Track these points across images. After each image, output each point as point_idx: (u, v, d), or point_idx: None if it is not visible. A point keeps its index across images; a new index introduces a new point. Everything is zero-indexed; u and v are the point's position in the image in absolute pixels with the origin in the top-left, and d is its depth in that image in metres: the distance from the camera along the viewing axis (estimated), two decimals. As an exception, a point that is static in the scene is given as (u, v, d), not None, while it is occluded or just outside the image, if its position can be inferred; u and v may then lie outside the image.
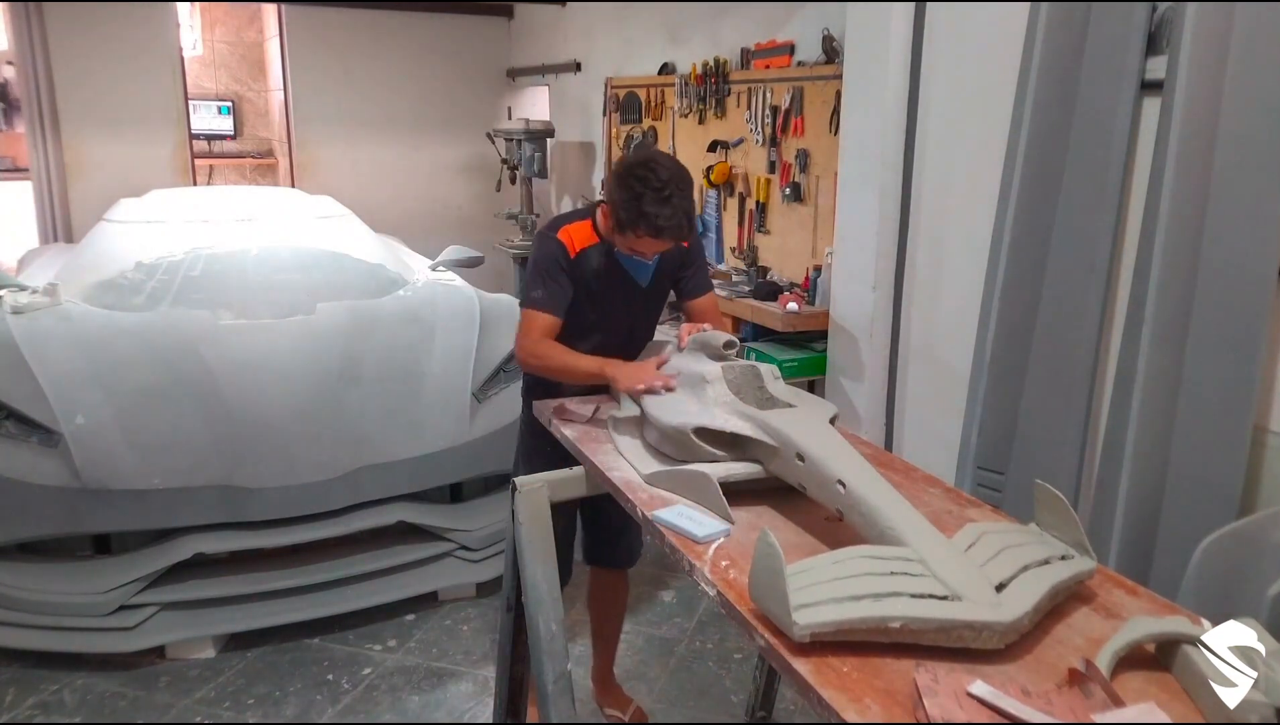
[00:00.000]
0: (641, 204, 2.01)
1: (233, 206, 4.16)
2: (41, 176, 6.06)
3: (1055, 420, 2.52)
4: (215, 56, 7.97)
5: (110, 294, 3.58)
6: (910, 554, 1.26)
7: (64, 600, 2.83)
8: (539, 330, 2.16)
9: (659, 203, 2.00)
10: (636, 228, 2.04)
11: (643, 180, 2.01)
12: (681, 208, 2.03)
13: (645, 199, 2.00)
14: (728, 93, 4.52)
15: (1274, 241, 2.05)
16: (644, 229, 2.04)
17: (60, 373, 3.00)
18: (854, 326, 3.33)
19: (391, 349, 3.40)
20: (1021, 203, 2.59)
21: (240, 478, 2.89)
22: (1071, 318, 2.48)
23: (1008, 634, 1.16)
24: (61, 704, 2.72)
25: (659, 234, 2.04)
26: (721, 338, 1.95)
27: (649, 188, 2.00)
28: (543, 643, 1.83)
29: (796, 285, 3.99)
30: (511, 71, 7.26)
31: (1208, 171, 2.14)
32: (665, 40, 5.12)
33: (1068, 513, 1.36)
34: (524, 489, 1.88)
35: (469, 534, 3.25)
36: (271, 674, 2.89)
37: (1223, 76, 2.12)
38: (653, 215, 2.01)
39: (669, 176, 2.02)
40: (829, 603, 1.16)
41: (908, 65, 3.06)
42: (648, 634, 3.09)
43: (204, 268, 3.68)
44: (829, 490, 1.47)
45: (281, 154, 7.50)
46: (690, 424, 1.70)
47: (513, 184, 6.28)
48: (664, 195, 2.00)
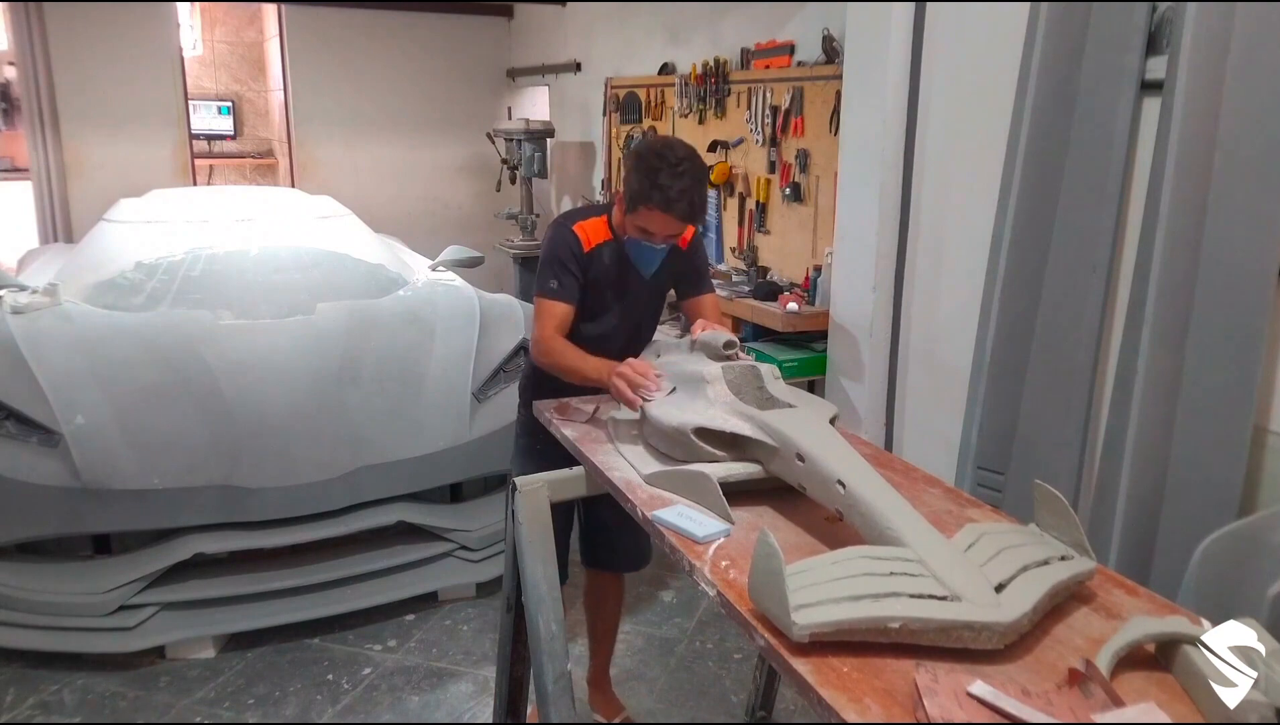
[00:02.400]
0: (657, 176, 2.06)
1: (233, 206, 4.16)
2: (41, 176, 6.06)
3: (1055, 420, 2.52)
4: (215, 56, 7.97)
5: (110, 294, 3.58)
6: (910, 554, 1.26)
7: (64, 600, 2.83)
8: (555, 320, 2.20)
9: (673, 176, 2.06)
10: (649, 200, 2.08)
11: (660, 155, 2.08)
12: (694, 187, 2.09)
13: (661, 172, 2.06)
14: (728, 93, 4.52)
15: (1274, 241, 2.05)
16: (656, 201, 2.08)
17: (60, 373, 3.00)
18: (854, 326, 3.33)
19: (391, 349, 3.40)
20: (1021, 203, 2.59)
21: (240, 478, 2.89)
22: (1071, 318, 2.48)
23: (1007, 634, 1.16)
24: (61, 704, 2.72)
25: (669, 207, 2.08)
26: (722, 338, 1.95)
27: (665, 163, 2.07)
28: (543, 643, 1.82)
29: (796, 285, 3.99)
30: (511, 71, 7.26)
31: (1208, 171, 2.14)
32: (665, 40, 5.12)
33: (1067, 513, 1.36)
34: (524, 489, 1.88)
35: (469, 534, 3.25)
36: (271, 674, 2.89)
37: (1223, 76, 2.12)
38: (666, 186, 2.06)
39: (685, 155, 2.10)
40: (828, 603, 1.16)
41: (908, 65, 3.06)
42: (648, 634, 3.09)
43: (204, 268, 3.68)
44: (828, 490, 1.47)
45: (281, 154, 7.50)
46: (690, 424, 1.70)
47: (513, 184, 6.28)
48: (678, 170, 2.07)
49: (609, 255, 2.25)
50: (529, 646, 1.90)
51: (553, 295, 2.21)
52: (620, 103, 5.47)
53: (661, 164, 2.06)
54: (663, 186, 2.06)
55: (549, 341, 2.18)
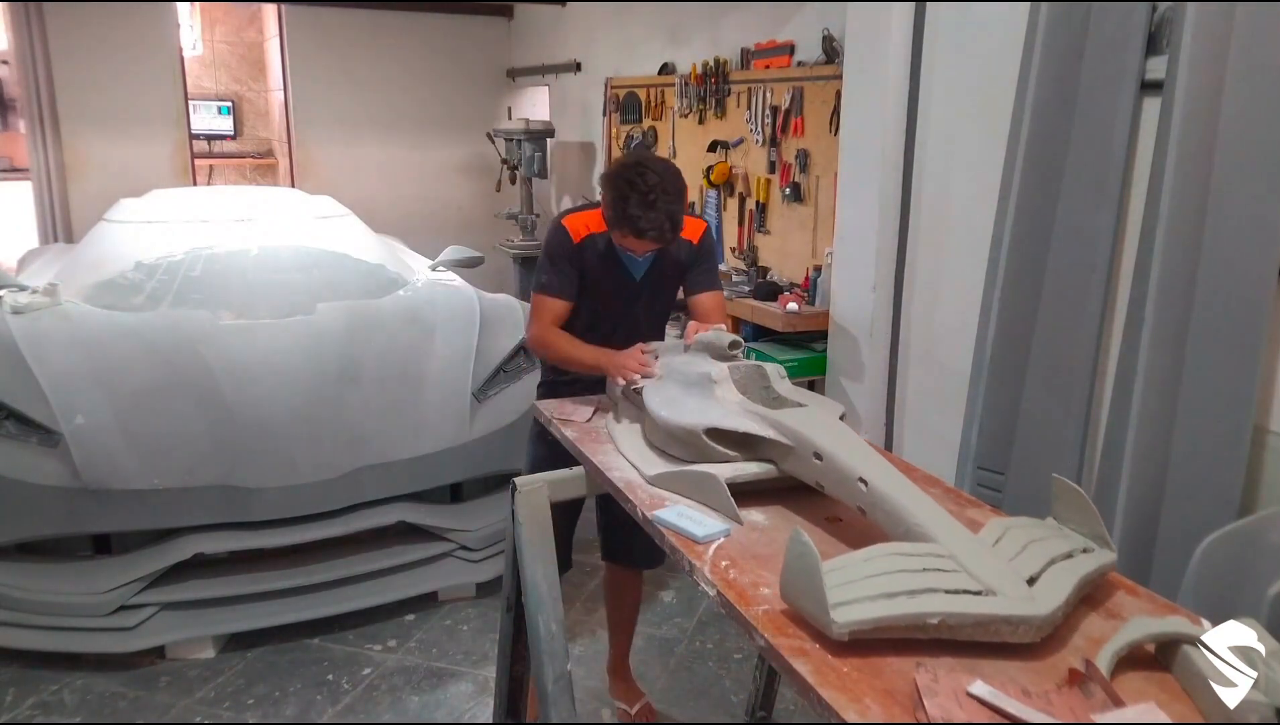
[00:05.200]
0: (627, 206, 2.06)
1: (233, 206, 4.16)
2: (41, 176, 6.06)
3: (1055, 420, 2.52)
4: (215, 56, 7.97)
5: (110, 294, 3.58)
6: (940, 550, 1.26)
7: (64, 600, 2.83)
8: (548, 314, 2.26)
9: (643, 206, 2.06)
10: (621, 227, 2.11)
11: (630, 183, 2.06)
12: (666, 212, 2.07)
13: (630, 201, 2.06)
14: (728, 93, 4.52)
15: (1274, 241, 2.05)
16: (627, 230, 2.10)
17: (60, 373, 3.00)
18: (854, 326, 3.33)
19: (391, 349, 3.40)
20: (1021, 203, 2.59)
21: (240, 478, 2.89)
22: (1071, 318, 2.48)
23: (1043, 628, 1.16)
24: (61, 704, 2.72)
25: (641, 236, 2.10)
26: (726, 338, 1.95)
27: (635, 191, 2.05)
28: (543, 643, 1.82)
29: (796, 285, 3.99)
30: (511, 71, 7.26)
31: (1208, 171, 2.14)
32: (665, 40, 5.12)
33: (1086, 506, 1.37)
34: (524, 489, 1.88)
35: (469, 534, 3.25)
36: (271, 674, 2.88)
37: (1223, 76, 2.12)
38: (635, 217, 2.07)
39: (655, 182, 2.06)
40: (864, 600, 1.16)
41: (908, 65, 3.06)
42: (648, 634, 3.09)
43: (204, 268, 3.68)
44: (849, 487, 1.46)
45: (281, 154, 7.50)
46: (702, 424, 1.69)
47: (513, 184, 6.28)
48: (649, 200, 2.05)
49: (603, 245, 2.27)
50: (529, 646, 1.90)
51: (545, 290, 2.26)
52: (620, 103, 5.47)
53: (631, 192, 2.06)
54: (632, 217, 2.07)
55: (543, 334, 2.25)
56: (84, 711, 2.69)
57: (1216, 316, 2.13)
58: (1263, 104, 2.05)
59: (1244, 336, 2.08)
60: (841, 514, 1.59)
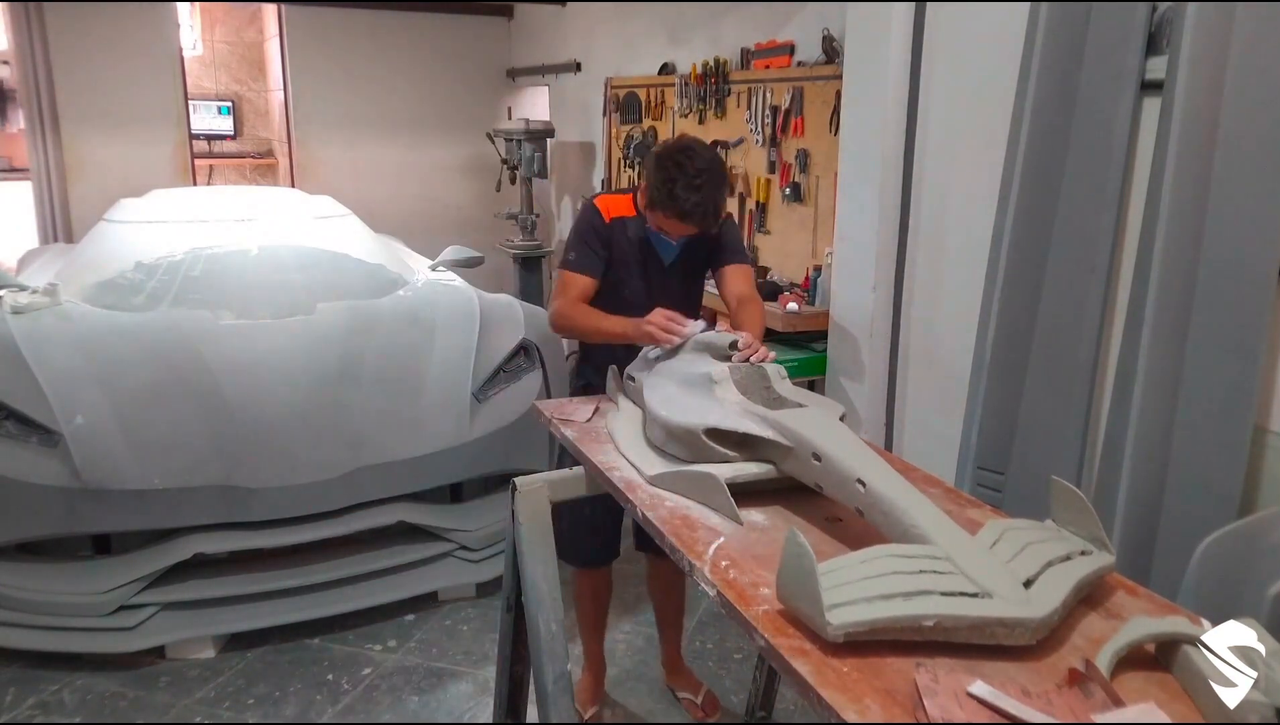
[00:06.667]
0: (674, 187, 2.12)
1: (233, 206, 4.16)
2: (41, 176, 6.06)
3: (1055, 420, 2.52)
4: (215, 56, 7.97)
5: (110, 294, 3.58)
6: (937, 552, 1.26)
7: (64, 600, 2.83)
8: (574, 290, 2.29)
9: (689, 189, 2.12)
10: (666, 208, 2.16)
11: (679, 165, 2.13)
12: (710, 197, 2.15)
13: (678, 183, 2.12)
14: (728, 93, 4.52)
15: (1274, 241, 2.05)
16: (671, 211, 2.15)
17: (60, 373, 3.00)
18: (854, 326, 3.33)
19: (391, 349, 3.40)
20: (1021, 203, 2.58)
21: (240, 478, 2.89)
22: (1071, 318, 2.48)
23: (1039, 630, 1.16)
24: (61, 704, 2.72)
25: (684, 218, 2.16)
26: (726, 338, 1.95)
27: (683, 173, 2.12)
28: (543, 643, 1.82)
29: (796, 285, 3.99)
30: (511, 71, 7.26)
31: (1208, 171, 2.14)
32: (665, 40, 5.12)
33: (1085, 508, 1.36)
34: (524, 489, 1.88)
35: (469, 534, 3.25)
36: (271, 674, 2.89)
37: (1223, 76, 2.11)
38: (682, 199, 2.13)
39: (703, 166, 2.14)
40: (860, 602, 1.16)
41: (908, 65, 3.05)
42: (648, 634, 3.09)
43: (204, 268, 3.68)
44: (847, 489, 1.46)
45: (281, 154, 7.50)
46: (701, 424, 1.69)
47: (513, 184, 6.27)
48: (695, 183, 2.12)
49: (633, 229, 2.31)
50: (529, 646, 1.90)
51: (571, 266, 2.30)
52: (620, 103, 5.47)
53: (679, 175, 2.12)
54: (678, 198, 2.12)
55: (567, 307, 2.27)
56: (84, 711, 2.69)
57: (1216, 316, 2.13)
58: (1263, 104, 2.05)
59: (1244, 336, 2.08)
60: (841, 514, 1.59)
